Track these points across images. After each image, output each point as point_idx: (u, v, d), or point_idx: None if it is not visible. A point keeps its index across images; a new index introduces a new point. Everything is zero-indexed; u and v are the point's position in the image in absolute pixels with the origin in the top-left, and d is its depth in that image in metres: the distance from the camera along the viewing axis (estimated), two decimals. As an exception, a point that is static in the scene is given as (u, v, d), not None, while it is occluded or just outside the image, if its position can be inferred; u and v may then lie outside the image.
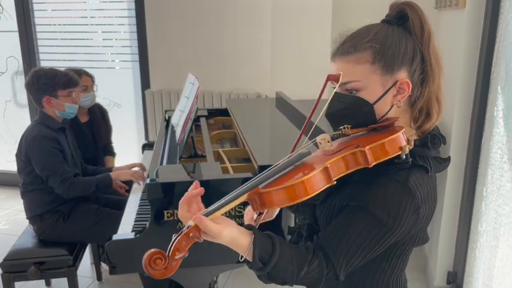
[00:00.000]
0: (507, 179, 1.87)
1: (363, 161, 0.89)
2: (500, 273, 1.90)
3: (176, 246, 0.84)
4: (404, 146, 0.90)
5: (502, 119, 1.99)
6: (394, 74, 0.94)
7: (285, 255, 0.87)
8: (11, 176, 4.27)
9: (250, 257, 0.87)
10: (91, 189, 2.29)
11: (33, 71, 2.36)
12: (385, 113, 0.96)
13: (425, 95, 0.97)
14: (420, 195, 0.91)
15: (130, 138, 4.02)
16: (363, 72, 0.94)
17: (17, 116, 4.29)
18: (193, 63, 3.61)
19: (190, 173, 1.86)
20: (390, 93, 0.95)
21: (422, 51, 0.96)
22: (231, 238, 0.86)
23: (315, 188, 0.86)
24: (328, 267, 0.90)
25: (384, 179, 0.91)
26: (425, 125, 0.99)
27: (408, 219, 0.90)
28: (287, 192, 0.85)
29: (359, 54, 0.94)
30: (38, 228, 2.33)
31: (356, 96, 0.96)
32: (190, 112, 2.15)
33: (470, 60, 2.28)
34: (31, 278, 2.22)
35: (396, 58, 0.94)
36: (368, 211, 0.89)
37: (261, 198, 0.87)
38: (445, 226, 2.54)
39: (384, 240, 0.91)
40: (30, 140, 2.24)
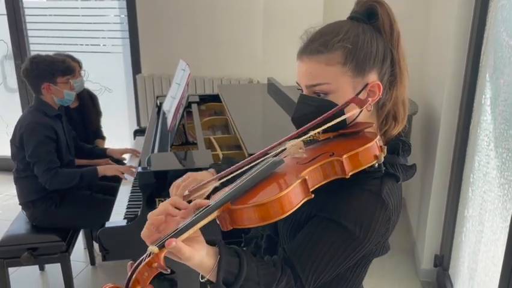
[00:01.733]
0: (493, 166, 1.91)
1: (340, 171, 0.83)
2: (484, 257, 1.95)
3: (137, 278, 0.70)
4: (379, 155, 0.85)
5: (490, 107, 2.02)
6: (365, 76, 0.89)
7: (251, 276, 0.79)
8: (3, 161, 4.26)
9: (213, 277, 0.77)
10: (74, 181, 2.28)
11: (31, 57, 2.34)
12: (355, 117, 0.91)
13: (393, 97, 0.93)
14: (392, 206, 0.87)
15: (121, 123, 4.01)
16: (334, 74, 0.88)
17: (7, 100, 4.26)
18: (184, 48, 3.59)
19: (181, 160, 1.88)
20: (360, 95, 0.90)
21: (392, 52, 0.91)
22: (199, 262, 0.76)
23: (293, 203, 0.78)
24: (296, 285, 0.83)
25: (357, 189, 0.86)
26: (392, 130, 0.95)
27: (379, 231, 0.86)
28: (261, 210, 0.76)
29: (330, 55, 0.87)
30: (30, 214, 2.35)
31: (325, 99, 0.89)
32: (182, 99, 2.15)
33: (460, 48, 2.30)
34: (24, 264, 2.24)
35: (368, 59, 0.88)
36: (339, 224, 0.84)
37: (232, 216, 0.78)
38: (433, 211, 2.59)
39: (355, 254, 0.86)
40: (25, 126, 2.24)
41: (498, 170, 1.83)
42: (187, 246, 0.73)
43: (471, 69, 2.21)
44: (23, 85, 4.07)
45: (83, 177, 2.30)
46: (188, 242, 0.74)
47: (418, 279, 2.72)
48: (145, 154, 1.97)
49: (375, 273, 2.79)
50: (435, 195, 2.57)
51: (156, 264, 0.70)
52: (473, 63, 2.20)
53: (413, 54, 3.37)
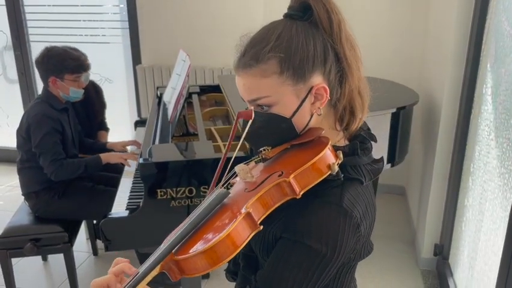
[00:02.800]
0: (493, 156, 1.92)
1: (290, 192, 0.77)
2: (484, 246, 1.96)
3: None
4: (333, 164, 0.79)
5: (491, 97, 2.01)
6: (307, 81, 0.82)
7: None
8: (4, 152, 4.27)
9: None
10: (79, 171, 2.29)
11: (46, 48, 2.34)
12: (306, 123, 0.85)
13: (346, 93, 0.86)
14: (358, 213, 0.81)
15: (122, 114, 4.01)
16: (272, 86, 0.81)
17: (7, 91, 4.25)
18: (184, 38, 3.57)
19: (182, 152, 1.88)
20: (307, 102, 0.83)
21: (334, 47, 0.83)
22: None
23: (240, 241, 0.73)
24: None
25: (317, 203, 0.80)
26: (352, 124, 0.89)
27: (349, 242, 0.80)
28: (208, 256, 0.71)
29: (263, 66, 0.81)
30: (33, 205, 2.36)
31: (270, 112, 0.83)
32: (182, 90, 2.15)
33: (461, 37, 2.29)
34: (27, 254, 2.26)
35: (306, 63, 0.81)
36: (304, 244, 0.78)
37: (178, 266, 0.74)
38: (433, 200, 2.60)
39: (328, 271, 0.80)
40: (32, 117, 2.25)
41: (498, 159, 1.84)
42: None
43: (472, 59, 2.21)
44: (23, 76, 4.07)
45: (88, 166, 2.31)
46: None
47: (418, 268, 2.74)
48: (146, 145, 1.97)
49: (375, 263, 2.81)
50: (435, 184, 2.57)
51: None
52: (474, 53, 2.19)
53: (414, 44, 3.39)
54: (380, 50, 3.25)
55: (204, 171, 1.73)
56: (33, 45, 4.01)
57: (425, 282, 2.62)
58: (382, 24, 3.25)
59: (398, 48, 3.27)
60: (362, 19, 3.22)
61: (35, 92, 4.13)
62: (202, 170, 1.73)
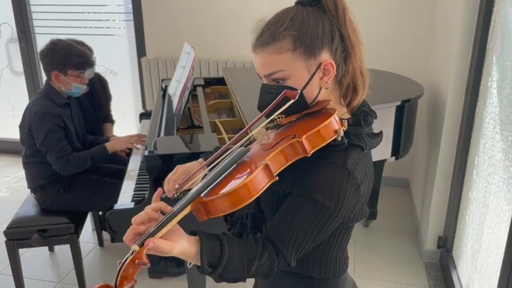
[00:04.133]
0: (498, 149, 1.91)
1: (302, 151, 0.88)
2: (487, 239, 1.97)
3: (124, 275, 0.79)
4: (339, 129, 0.90)
5: (496, 90, 2.01)
6: (317, 57, 0.93)
7: (234, 255, 0.87)
8: (10, 143, 4.30)
9: (199, 263, 0.86)
10: (87, 164, 2.30)
11: (52, 41, 2.32)
12: (315, 96, 0.96)
13: (350, 71, 0.97)
14: (359, 175, 0.92)
15: (127, 106, 4.02)
16: (286, 61, 0.93)
17: (13, 83, 4.27)
18: (189, 31, 3.57)
19: (187, 144, 1.89)
20: (316, 76, 0.95)
21: (339, 29, 0.95)
22: (181, 251, 0.84)
23: (258, 188, 0.84)
24: (278, 258, 0.90)
25: (323, 163, 0.91)
26: (354, 100, 1.00)
27: (350, 200, 0.91)
28: (231, 197, 0.82)
29: (279, 44, 0.93)
30: (39, 198, 2.39)
31: (284, 85, 0.95)
32: (187, 82, 2.15)
33: (467, 30, 2.28)
34: (34, 245, 2.29)
35: (316, 41, 0.92)
36: (310, 198, 0.89)
37: (205, 207, 0.85)
38: (437, 193, 2.61)
39: (330, 224, 0.91)
40: (34, 114, 2.24)
41: (503, 152, 1.84)
42: (166, 241, 0.82)
43: (478, 52, 2.20)
44: (28, 68, 4.08)
45: (94, 157, 2.32)
46: (168, 236, 0.83)
47: (422, 261, 2.76)
48: (152, 138, 1.98)
49: (379, 255, 2.83)
50: (440, 177, 2.58)
51: (138, 261, 0.79)
52: (480, 46, 2.18)
53: (420, 37, 3.37)
54: (386, 42, 3.24)
55: (209, 164, 1.74)
56: (38, 37, 4.02)
57: (429, 275, 2.63)
58: (388, 16, 3.24)
59: (404, 41, 3.25)
60: (368, 12, 3.20)
61: (41, 84, 4.15)
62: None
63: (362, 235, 3.04)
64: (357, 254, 2.83)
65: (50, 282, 2.60)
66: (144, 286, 2.54)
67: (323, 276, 1.03)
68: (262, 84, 0.98)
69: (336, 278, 1.05)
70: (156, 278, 2.58)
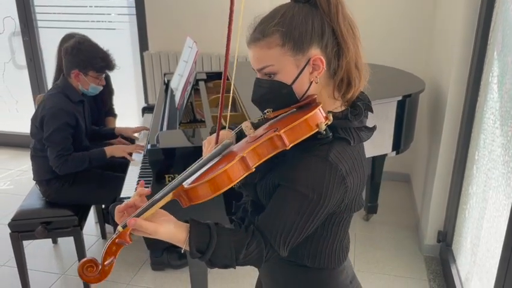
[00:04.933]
0: (498, 144, 1.93)
1: (281, 144, 0.91)
2: (487, 233, 1.99)
3: (107, 252, 0.89)
4: (321, 123, 0.92)
5: (497, 85, 2.02)
6: (306, 53, 0.95)
7: (222, 243, 0.91)
8: (14, 136, 4.33)
9: (188, 247, 0.91)
10: (84, 165, 2.33)
11: (78, 40, 2.36)
12: (305, 90, 0.98)
13: (344, 66, 0.98)
14: (344, 167, 0.94)
15: (129, 100, 4.04)
16: (275, 56, 0.96)
17: (16, 77, 4.29)
18: (191, 25, 3.58)
19: (189, 138, 1.91)
20: (305, 71, 0.96)
21: (331, 25, 0.96)
22: (168, 234, 0.90)
23: (235, 178, 0.89)
24: (267, 248, 0.94)
25: (306, 156, 0.94)
26: (347, 94, 1.01)
27: (334, 192, 0.93)
28: (210, 184, 0.88)
29: (269, 39, 0.95)
30: (44, 191, 2.42)
31: (274, 80, 0.98)
32: (189, 77, 2.17)
33: (469, 25, 2.28)
34: (38, 237, 2.31)
35: (304, 37, 0.94)
36: (294, 190, 0.93)
37: (187, 194, 0.91)
38: (438, 187, 2.62)
39: (316, 215, 0.94)
40: (48, 109, 2.27)
41: (503, 147, 1.85)
42: (150, 222, 0.89)
43: (479, 47, 2.20)
44: (31, 62, 4.10)
45: (92, 160, 2.34)
46: (153, 218, 0.90)
47: (421, 254, 2.78)
48: (154, 132, 2.00)
49: (380, 249, 2.85)
50: (440, 172, 2.59)
51: (118, 240, 0.89)
52: (481, 41, 2.19)
53: (421, 32, 3.37)
54: (388, 37, 3.25)
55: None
56: (41, 31, 4.04)
57: (428, 268, 2.65)
58: (389, 12, 3.24)
59: (406, 36, 3.26)
60: (370, 8, 3.21)
61: (44, 78, 4.17)
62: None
63: (362, 229, 3.06)
64: (358, 248, 2.85)
65: (53, 274, 2.63)
66: (147, 278, 2.57)
67: (318, 266, 1.06)
68: (256, 78, 1.02)
69: (332, 268, 1.07)
70: (158, 270, 2.62)
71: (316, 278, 1.08)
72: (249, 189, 1.07)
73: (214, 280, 2.52)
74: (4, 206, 3.29)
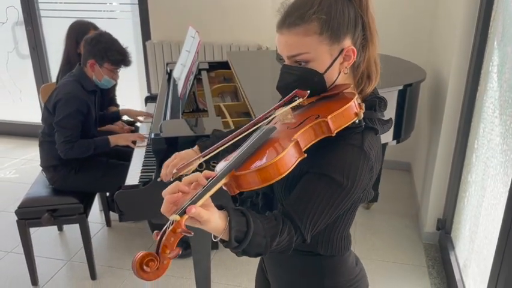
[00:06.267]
0: (497, 133, 1.95)
1: (327, 130, 0.92)
2: (485, 220, 2.02)
3: (165, 244, 0.79)
4: (359, 112, 0.94)
5: (496, 75, 2.03)
6: (340, 43, 0.96)
7: (258, 231, 0.88)
8: (18, 126, 4.37)
9: (226, 236, 0.86)
10: (89, 152, 2.36)
11: (99, 33, 2.43)
12: (334, 80, 0.99)
13: (366, 59, 1.00)
14: (373, 156, 0.96)
15: (132, 90, 4.06)
16: (312, 44, 0.95)
17: (19, 66, 4.31)
18: (193, 14, 3.59)
19: (192, 127, 1.94)
20: (337, 61, 0.97)
21: (362, 17, 0.98)
22: (216, 223, 0.84)
23: (289, 164, 0.87)
24: (296, 234, 0.93)
25: (341, 144, 0.95)
26: (367, 88, 1.03)
27: (364, 180, 0.95)
28: (262, 173, 0.85)
29: (307, 26, 0.94)
30: (51, 177, 2.46)
31: (306, 67, 0.97)
32: (192, 66, 2.19)
33: (469, 15, 2.29)
34: (44, 224, 2.36)
35: (342, 27, 0.95)
36: (329, 177, 0.93)
37: (237, 181, 0.88)
38: (437, 176, 2.65)
39: (346, 202, 0.95)
40: (63, 94, 2.32)
41: (501, 136, 1.87)
42: (205, 210, 0.82)
43: (480, 37, 2.21)
44: (34, 52, 4.12)
45: (96, 147, 2.38)
46: (204, 207, 0.83)
47: (421, 242, 2.82)
48: (157, 121, 2.03)
49: (380, 236, 2.89)
50: (440, 161, 2.62)
51: (180, 230, 0.79)
52: (482, 31, 2.20)
53: (422, 22, 3.36)
54: (389, 26, 3.25)
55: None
56: (44, 21, 4.05)
57: (428, 255, 2.69)
58: (390, 1, 3.23)
59: (407, 25, 3.26)
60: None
61: (47, 67, 4.19)
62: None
63: (363, 217, 3.10)
64: (358, 235, 2.89)
65: (60, 260, 2.68)
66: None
67: (330, 253, 1.08)
68: (283, 65, 1.00)
69: (341, 254, 1.10)
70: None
71: (329, 266, 1.10)
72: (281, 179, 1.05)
73: (217, 266, 2.57)
74: (10, 194, 3.34)
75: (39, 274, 2.50)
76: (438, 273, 2.54)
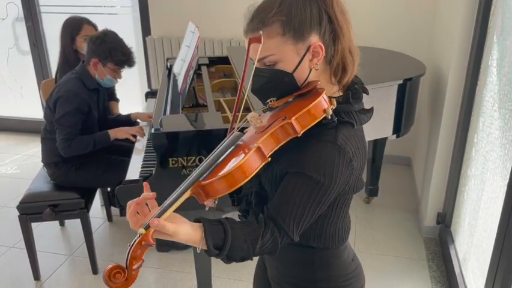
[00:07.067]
0: (496, 127, 1.95)
1: (292, 132, 0.93)
2: (484, 214, 2.03)
3: (133, 256, 0.85)
4: (327, 108, 0.94)
5: (496, 68, 2.03)
6: (306, 40, 0.96)
7: (237, 236, 0.91)
8: (19, 122, 4.38)
9: (205, 246, 0.90)
10: (89, 148, 2.37)
11: (104, 32, 2.41)
12: (305, 78, 1.00)
13: (339, 51, 1.00)
14: (350, 149, 0.96)
15: (132, 85, 4.06)
16: (276, 45, 0.96)
17: (20, 62, 4.32)
18: (193, 10, 3.59)
19: (192, 122, 1.94)
20: (306, 58, 0.98)
21: (327, 11, 0.97)
22: (186, 234, 0.88)
23: (252, 169, 0.90)
24: (281, 235, 0.95)
25: (315, 142, 0.95)
26: (343, 79, 1.03)
27: (343, 174, 0.95)
28: (227, 180, 0.88)
29: (269, 29, 0.95)
30: (52, 173, 2.47)
31: (275, 68, 0.98)
32: (191, 61, 2.19)
33: (469, 8, 2.29)
34: (46, 219, 2.38)
35: (304, 25, 0.95)
36: (305, 175, 0.94)
37: (204, 190, 0.90)
38: (437, 170, 2.66)
39: (326, 198, 0.96)
40: (64, 91, 2.32)
41: (501, 130, 1.88)
42: (170, 223, 0.86)
43: (479, 31, 2.21)
44: (35, 48, 4.12)
45: (96, 143, 2.38)
46: (172, 220, 0.87)
47: (421, 236, 2.83)
48: (158, 116, 2.04)
49: (380, 230, 2.90)
50: (440, 155, 2.62)
51: (144, 243, 0.85)
52: (481, 25, 2.19)
53: (423, 16, 3.36)
54: (389, 21, 3.24)
55: (213, 141, 1.79)
56: (44, 17, 4.05)
57: (427, 249, 2.71)
58: (392, -6, 3.23)
59: (407, 20, 3.25)
60: (371, -11, 3.20)
61: (48, 63, 4.20)
62: (211, 140, 1.80)
63: (363, 211, 3.11)
64: (358, 229, 2.91)
65: (62, 255, 2.70)
66: (152, 259, 2.64)
67: (323, 246, 1.09)
68: (255, 68, 1.01)
69: (335, 247, 1.11)
70: (164, 251, 2.68)
71: (322, 258, 1.12)
72: (253, 180, 1.06)
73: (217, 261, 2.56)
74: (11, 189, 3.36)
75: (41, 269, 2.52)
76: (438, 267, 2.55)
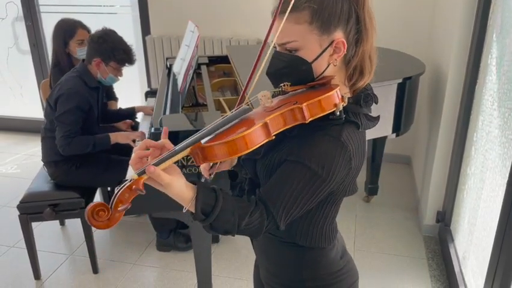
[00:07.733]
0: (495, 126, 1.96)
1: (301, 117, 0.93)
2: (483, 213, 2.03)
3: (120, 198, 0.84)
4: (338, 103, 0.94)
5: (495, 67, 2.04)
6: (331, 34, 0.96)
7: (227, 207, 0.91)
8: (19, 121, 4.38)
9: (193, 209, 0.90)
10: (88, 149, 2.37)
11: (104, 31, 2.42)
12: (322, 71, 1.00)
13: (359, 54, 1.00)
14: (352, 148, 0.96)
15: (132, 84, 4.06)
16: (302, 32, 0.96)
17: (20, 62, 4.32)
18: (193, 9, 3.59)
19: (192, 121, 1.95)
20: (327, 52, 0.98)
21: (357, 11, 0.97)
22: (179, 189, 0.88)
23: (255, 142, 0.89)
24: (268, 219, 0.95)
25: (319, 134, 0.96)
26: (358, 82, 1.03)
27: (341, 171, 0.96)
28: (228, 146, 0.87)
29: (298, 14, 0.95)
30: (52, 172, 2.47)
31: (295, 55, 0.98)
32: (191, 61, 2.20)
33: (469, 7, 2.29)
34: (47, 219, 2.38)
35: (333, 18, 0.95)
36: (304, 165, 0.94)
37: (202, 152, 0.90)
38: (437, 168, 2.66)
39: (320, 191, 0.97)
40: (65, 89, 2.33)
41: (500, 129, 1.88)
42: (166, 174, 0.86)
43: (479, 29, 2.21)
44: (34, 47, 4.12)
45: (96, 145, 2.39)
46: (169, 172, 0.87)
47: (421, 234, 2.83)
48: (157, 115, 2.04)
49: (380, 229, 2.90)
50: (439, 154, 2.62)
51: (135, 187, 0.85)
52: (481, 23, 2.20)
53: (422, 14, 3.36)
54: (388, 20, 3.24)
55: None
56: (44, 16, 4.05)
57: (427, 248, 2.71)
58: (391, -7, 3.23)
59: (406, 18, 3.25)
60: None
61: (47, 63, 4.20)
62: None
63: (363, 210, 3.11)
64: (358, 228, 2.91)
65: (62, 254, 2.71)
66: (152, 258, 2.65)
67: (309, 245, 1.09)
68: (275, 51, 1.01)
69: (322, 247, 1.11)
70: (164, 251, 2.68)
71: (308, 256, 1.11)
72: (248, 166, 1.08)
73: (217, 260, 2.58)
74: (11, 189, 3.36)
75: (42, 268, 2.52)
76: (437, 265, 2.56)
